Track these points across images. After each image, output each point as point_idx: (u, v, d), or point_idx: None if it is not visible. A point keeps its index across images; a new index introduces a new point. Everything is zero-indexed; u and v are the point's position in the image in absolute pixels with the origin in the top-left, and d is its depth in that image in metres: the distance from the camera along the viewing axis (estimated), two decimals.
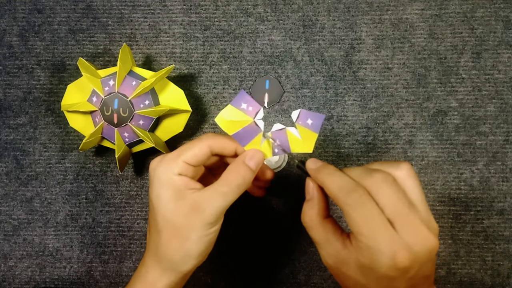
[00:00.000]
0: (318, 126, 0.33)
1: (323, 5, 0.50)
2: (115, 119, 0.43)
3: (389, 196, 0.28)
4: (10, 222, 0.49)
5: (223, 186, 0.32)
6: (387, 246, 0.27)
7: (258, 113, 0.34)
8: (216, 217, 0.32)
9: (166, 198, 0.32)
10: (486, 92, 0.49)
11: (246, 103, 0.34)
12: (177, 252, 0.33)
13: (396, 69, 0.50)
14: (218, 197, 0.32)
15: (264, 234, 0.49)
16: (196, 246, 0.32)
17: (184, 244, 0.32)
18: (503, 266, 0.48)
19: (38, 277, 0.49)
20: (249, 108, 0.34)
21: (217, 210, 0.32)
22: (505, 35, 0.50)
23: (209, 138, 0.33)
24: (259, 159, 0.33)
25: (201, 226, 0.32)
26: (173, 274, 0.34)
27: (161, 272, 0.34)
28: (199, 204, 0.32)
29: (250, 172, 0.33)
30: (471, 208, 0.48)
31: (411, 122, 0.49)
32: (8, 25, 0.51)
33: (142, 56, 0.50)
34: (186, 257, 0.33)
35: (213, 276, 0.48)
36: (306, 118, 0.33)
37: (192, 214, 0.32)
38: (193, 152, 0.33)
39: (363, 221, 0.28)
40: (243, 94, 0.33)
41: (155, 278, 0.34)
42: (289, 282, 0.48)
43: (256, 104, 0.34)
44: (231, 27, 0.50)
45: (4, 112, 0.50)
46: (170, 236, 0.33)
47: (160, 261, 0.34)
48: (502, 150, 0.49)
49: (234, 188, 0.32)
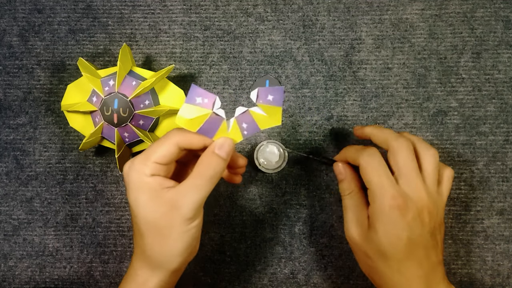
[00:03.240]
0: (280, 99, 0.33)
1: (323, 5, 0.50)
2: (115, 119, 0.43)
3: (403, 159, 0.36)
4: (10, 222, 0.49)
5: (196, 179, 0.32)
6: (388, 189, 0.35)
7: (215, 103, 0.33)
8: (194, 211, 0.32)
9: (143, 201, 0.32)
10: (486, 92, 0.49)
11: (200, 97, 0.33)
12: (161, 251, 0.33)
13: (396, 69, 0.50)
14: (192, 191, 0.32)
15: (264, 234, 0.49)
16: (178, 243, 0.33)
17: (167, 243, 0.33)
18: (503, 266, 0.48)
19: (38, 277, 0.49)
20: (205, 101, 0.33)
21: (194, 204, 0.32)
22: (505, 35, 0.50)
23: (176, 135, 0.33)
24: (229, 147, 0.33)
25: (180, 223, 0.32)
26: (162, 272, 0.34)
27: (150, 272, 0.34)
28: (175, 202, 0.32)
29: (221, 161, 0.33)
30: (471, 208, 0.48)
31: (411, 122, 0.49)
32: (8, 25, 0.51)
33: (142, 56, 0.50)
34: (170, 255, 0.33)
35: (213, 276, 0.48)
36: (266, 95, 0.33)
37: (169, 212, 0.32)
38: (162, 152, 0.33)
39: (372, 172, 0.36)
40: (194, 88, 0.32)
41: (145, 279, 0.34)
42: (289, 282, 0.48)
43: (211, 95, 0.33)
44: (231, 27, 0.50)
45: (4, 112, 0.50)
46: (153, 237, 0.33)
47: (147, 261, 0.34)
48: (502, 150, 0.49)
49: (207, 179, 0.32)
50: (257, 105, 0.33)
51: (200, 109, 0.33)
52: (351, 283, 0.48)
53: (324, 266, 0.48)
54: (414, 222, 0.34)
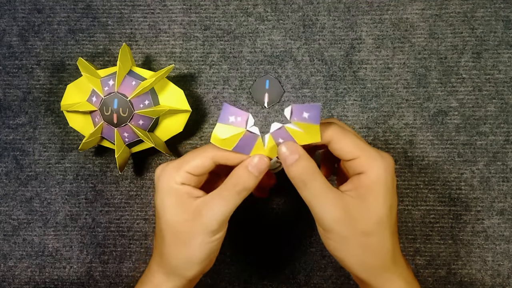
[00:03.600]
0: (317, 117, 0.31)
1: (323, 5, 0.50)
2: (115, 119, 0.43)
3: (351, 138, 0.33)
4: (9, 222, 0.49)
5: (223, 191, 0.32)
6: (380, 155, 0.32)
7: (248, 121, 0.32)
8: (218, 223, 0.32)
9: (169, 205, 0.32)
10: (486, 92, 0.49)
11: (233, 116, 0.32)
12: (179, 257, 0.33)
13: (396, 69, 0.49)
14: (217, 203, 0.32)
15: (264, 234, 0.49)
16: (198, 252, 0.32)
17: (186, 250, 0.32)
18: (504, 267, 0.48)
19: (38, 278, 0.49)
20: (238, 119, 0.32)
21: (217, 216, 0.31)
22: (506, 35, 0.49)
23: (213, 150, 0.33)
24: (263, 166, 0.32)
25: (203, 233, 0.32)
26: (177, 279, 0.34)
27: (165, 277, 0.34)
28: (200, 211, 0.32)
29: (252, 179, 0.32)
30: (472, 208, 0.48)
31: (411, 122, 0.49)
32: (7, 25, 0.51)
33: (142, 56, 0.50)
34: (188, 263, 0.33)
35: (213, 276, 0.48)
36: (301, 113, 0.32)
37: (193, 220, 0.32)
38: (196, 164, 0.33)
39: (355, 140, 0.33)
40: (227, 107, 0.32)
41: (160, 282, 0.34)
42: (289, 282, 0.48)
43: (243, 113, 0.32)
44: (231, 27, 0.50)
45: (4, 112, 0.50)
46: (173, 242, 0.33)
47: (164, 266, 0.34)
48: (503, 150, 0.49)
49: (235, 194, 0.32)
50: (292, 122, 0.32)
51: (233, 128, 0.32)
52: (351, 284, 0.48)
53: (324, 266, 0.48)
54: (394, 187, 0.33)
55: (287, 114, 0.32)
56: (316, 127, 0.32)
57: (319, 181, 0.32)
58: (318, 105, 0.32)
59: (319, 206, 0.32)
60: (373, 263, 0.33)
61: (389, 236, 0.33)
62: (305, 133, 0.32)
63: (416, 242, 0.48)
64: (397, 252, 0.34)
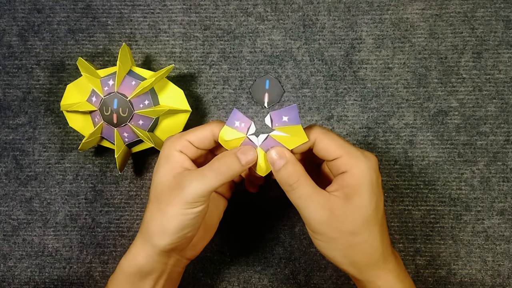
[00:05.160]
0: (296, 117, 0.33)
1: (323, 5, 0.50)
2: (115, 119, 0.43)
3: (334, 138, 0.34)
4: (9, 223, 0.49)
5: (206, 170, 0.33)
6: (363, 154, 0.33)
7: (249, 128, 0.34)
8: (194, 198, 0.32)
9: (161, 172, 0.34)
10: (486, 92, 0.49)
11: (239, 121, 0.34)
12: (154, 224, 0.34)
13: (396, 69, 0.49)
14: (198, 178, 0.33)
15: (264, 234, 0.49)
16: (172, 222, 0.33)
17: (162, 218, 0.33)
18: (504, 267, 0.48)
19: (38, 278, 0.49)
20: (242, 125, 0.34)
21: (196, 191, 0.32)
22: (506, 35, 0.49)
23: (214, 124, 0.35)
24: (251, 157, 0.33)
25: (179, 204, 0.33)
26: (150, 248, 0.34)
27: (141, 245, 0.35)
28: (181, 182, 0.33)
29: (237, 164, 0.33)
30: (472, 208, 0.48)
31: (411, 122, 0.49)
32: (7, 25, 0.51)
33: (142, 56, 0.50)
34: (161, 230, 0.34)
35: (213, 276, 0.48)
36: (280, 118, 0.33)
37: (174, 190, 0.33)
38: (196, 133, 0.35)
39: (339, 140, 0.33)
40: (235, 112, 0.34)
41: (137, 250, 0.35)
42: (289, 282, 0.48)
43: (247, 120, 0.34)
44: (231, 26, 0.50)
45: (4, 112, 0.50)
46: (154, 208, 0.34)
47: (142, 232, 0.35)
48: (503, 150, 0.49)
49: (216, 174, 0.32)
50: (275, 129, 0.34)
51: (237, 132, 0.34)
52: (351, 284, 0.48)
53: (324, 266, 0.48)
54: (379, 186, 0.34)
55: (267, 123, 0.34)
56: (299, 127, 0.33)
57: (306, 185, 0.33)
58: (294, 106, 0.33)
59: (306, 209, 0.33)
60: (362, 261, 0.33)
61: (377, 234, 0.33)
62: (291, 136, 0.33)
63: (416, 242, 0.48)
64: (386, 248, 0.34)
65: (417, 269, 0.48)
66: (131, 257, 0.35)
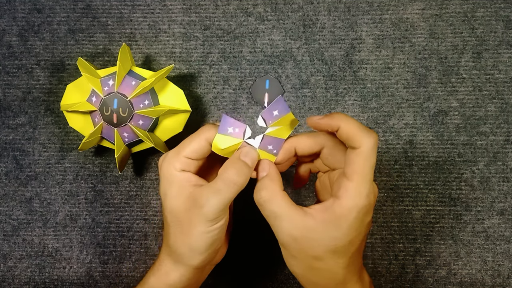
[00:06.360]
0: (285, 108, 0.33)
1: (324, 5, 0.50)
2: (115, 119, 0.43)
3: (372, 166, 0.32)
4: (9, 223, 0.49)
5: (218, 183, 0.32)
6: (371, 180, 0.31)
7: (245, 133, 0.34)
8: (215, 214, 0.32)
9: (170, 194, 0.33)
10: (486, 92, 0.49)
11: (231, 127, 0.33)
12: (183, 246, 0.33)
13: (396, 69, 0.49)
14: (213, 194, 0.32)
15: (264, 234, 0.49)
16: (199, 241, 0.33)
17: (188, 239, 0.33)
18: (504, 267, 0.48)
19: (38, 278, 0.49)
20: (236, 130, 0.33)
21: (215, 207, 0.32)
22: (506, 35, 0.49)
23: (206, 131, 0.34)
24: (254, 156, 0.34)
25: (202, 223, 0.32)
26: (183, 267, 0.34)
27: (172, 266, 0.35)
28: (198, 201, 0.32)
29: (246, 168, 0.33)
30: (472, 208, 0.48)
31: (411, 122, 0.49)
32: (7, 25, 0.51)
33: (142, 56, 0.50)
34: (191, 252, 0.33)
35: (213, 276, 0.48)
36: (271, 114, 0.33)
37: (192, 210, 0.32)
38: (193, 147, 0.33)
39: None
40: (225, 118, 0.33)
41: (168, 270, 0.35)
42: (289, 282, 0.48)
43: (241, 124, 0.33)
44: (231, 26, 0.50)
45: (4, 112, 0.50)
46: (177, 231, 0.33)
47: (171, 254, 0.34)
48: (503, 150, 0.49)
49: (230, 184, 0.32)
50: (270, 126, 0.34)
51: (232, 138, 0.34)
52: None
53: None
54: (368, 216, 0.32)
55: (261, 124, 0.34)
56: (289, 115, 0.33)
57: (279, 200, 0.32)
58: (279, 97, 0.33)
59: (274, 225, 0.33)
60: (319, 283, 0.33)
61: (341, 264, 0.32)
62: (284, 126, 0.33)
63: (416, 242, 0.48)
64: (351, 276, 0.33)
65: (417, 269, 0.48)
66: (163, 276, 0.35)
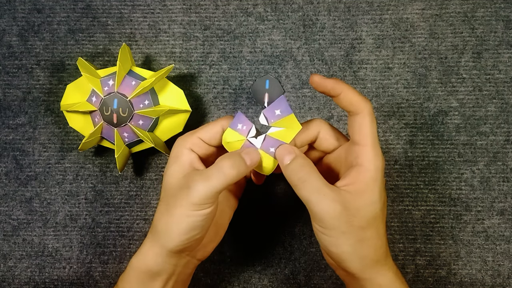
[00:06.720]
0: (287, 108, 0.34)
1: (324, 5, 0.50)
2: (115, 119, 0.43)
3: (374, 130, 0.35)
4: (9, 223, 0.49)
5: (210, 170, 0.33)
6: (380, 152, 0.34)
7: (250, 131, 0.35)
8: (200, 199, 0.32)
9: (171, 171, 0.34)
10: (486, 92, 0.49)
11: (241, 124, 0.35)
12: (163, 224, 0.34)
13: (396, 69, 0.49)
14: (203, 179, 0.32)
15: (264, 234, 0.49)
16: (179, 224, 0.33)
17: (169, 219, 0.33)
18: (504, 267, 0.48)
19: (38, 278, 0.49)
20: (243, 128, 0.35)
21: (201, 192, 0.32)
22: (506, 35, 0.49)
23: (224, 120, 0.35)
24: (255, 157, 0.34)
25: (186, 205, 0.32)
26: (159, 248, 0.34)
27: (150, 244, 0.35)
28: (188, 183, 0.32)
29: (242, 164, 0.33)
30: (472, 208, 0.48)
31: (411, 122, 0.49)
32: (7, 25, 0.51)
33: (142, 56, 0.50)
34: (168, 231, 0.33)
35: (213, 276, 0.48)
36: (273, 113, 0.34)
37: (181, 190, 0.33)
38: (206, 129, 0.35)
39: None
40: (239, 115, 0.34)
41: (146, 249, 0.35)
42: (289, 282, 0.48)
43: (249, 123, 0.34)
44: (231, 26, 0.50)
45: (4, 112, 0.50)
46: (163, 208, 0.34)
47: (151, 231, 0.35)
48: (503, 150, 0.49)
49: (221, 174, 0.32)
50: (271, 125, 0.34)
51: (238, 135, 0.35)
52: None
53: (325, 266, 0.48)
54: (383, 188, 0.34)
55: (263, 122, 0.34)
56: (292, 116, 0.34)
57: (316, 178, 0.32)
58: (282, 97, 0.34)
59: (318, 204, 0.32)
60: (369, 256, 0.34)
61: (382, 230, 0.34)
62: (287, 129, 0.34)
63: (416, 242, 0.48)
64: (387, 246, 0.35)
65: (417, 269, 0.48)
66: (141, 256, 0.35)
